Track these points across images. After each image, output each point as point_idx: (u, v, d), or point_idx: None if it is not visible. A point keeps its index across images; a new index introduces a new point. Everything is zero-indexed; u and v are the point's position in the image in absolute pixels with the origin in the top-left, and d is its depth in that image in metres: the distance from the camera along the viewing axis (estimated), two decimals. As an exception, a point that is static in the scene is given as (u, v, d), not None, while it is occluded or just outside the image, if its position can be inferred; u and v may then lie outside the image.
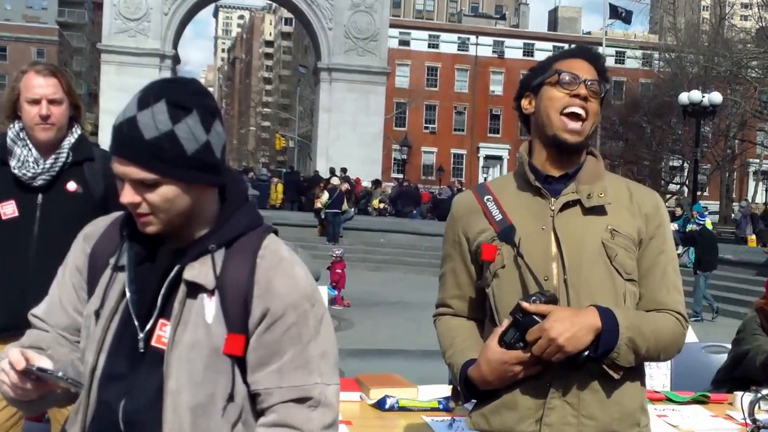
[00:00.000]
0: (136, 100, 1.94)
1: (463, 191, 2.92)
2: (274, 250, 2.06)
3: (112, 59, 48.91)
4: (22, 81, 3.67)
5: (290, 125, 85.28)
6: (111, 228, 2.13)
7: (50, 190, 3.67)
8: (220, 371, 1.97)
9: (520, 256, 2.43)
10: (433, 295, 10.27)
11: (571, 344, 2.29)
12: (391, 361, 7.79)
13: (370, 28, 51.00)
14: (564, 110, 2.46)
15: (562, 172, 2.52)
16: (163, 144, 1.89)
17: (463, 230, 2.61)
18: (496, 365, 2.40)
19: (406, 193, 36.67)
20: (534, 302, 2.33)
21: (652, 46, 60.76)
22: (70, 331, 2.13)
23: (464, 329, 2.66)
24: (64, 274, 2.17)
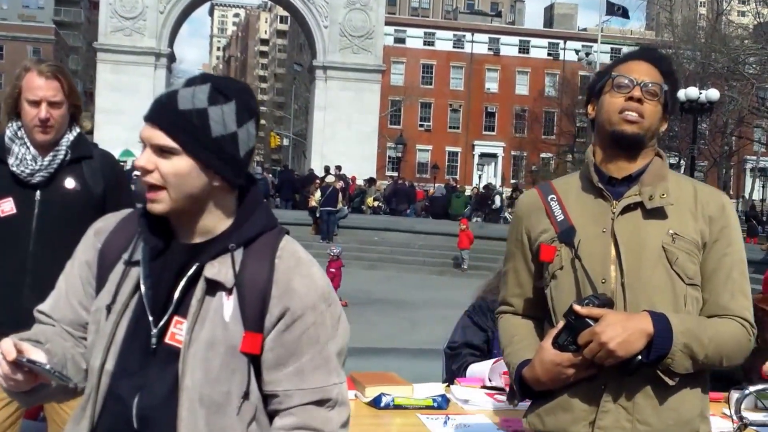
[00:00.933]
0: (185, 80, 2.02)
1: (527, 191, 2.90)
2: (291, 251, 2.08)
3: (108, 58, 49.04)
4: (24, 79, 3.66)
5: (285, 123, 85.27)
6: (122, 224, 2.14)
7: (48, 187, 3.68)
8: (237, 369, 1.98)
9: (578, 259, 2.43)
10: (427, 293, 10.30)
11: (623, 349, 2.28)
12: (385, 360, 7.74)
13: (365, 25, 51.13)
14: (620, 114, 2.46)
15: (625, 174, 2.50)
16: (192, 118, 1.94)
17: (526, 229, 2.61)
18: (549, 366, 2.40)
19: (400, 192, 36.63)
20: (587, 305, 2.33)
21: (648, 42, 60.73)
22: (74, 326, 2.13)
23: (522, 329, 2.67)
24: (72, 268, 2.17)
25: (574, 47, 68.17)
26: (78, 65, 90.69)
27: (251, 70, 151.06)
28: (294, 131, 72.74)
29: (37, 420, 4.31)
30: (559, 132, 66.91)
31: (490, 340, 4.24)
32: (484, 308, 4.31)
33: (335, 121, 49.73)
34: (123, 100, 42.31)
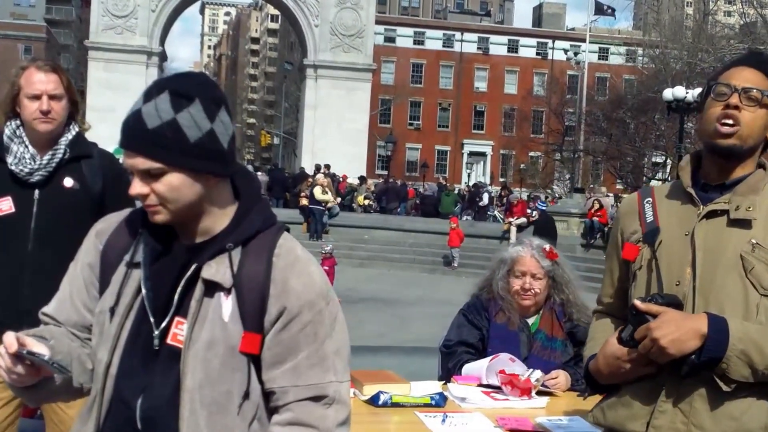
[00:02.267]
0: (143, 95, 1.96)
1: (629, 194, 2.92)
2: (289, 249, 2.07)
3: (99, 56, 48.87)
4: (22, 77, 3.68)
5: (275, 122, 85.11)
6: (123, 224, 2.13)
7: (47, 186, 3.66)
8: (237, 369, 1.99)
9: (656, 259, 2.46)
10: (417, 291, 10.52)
11: (675, 347, 2.26)
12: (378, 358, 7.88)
13: (356, 24, 51.09)
14: (717, 122, 2.43)
15: (720, 181, 2.49)
16: (165, 132, 1.91)
17: (621, 230, 2.65)
18: (610, 359, 2.43)
19: (391, 190, 36.72)
20: (649, 302, 2.33)
21: (636, 42, 60.87)
22: (79, 328, 2.13)
23: (603, 326, 2.72)
24: (75, 270, 2.17)
25: (563, 47, 68.38)
26: (69, 63, 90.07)
27: (242, 69, 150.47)
28: (284, 130, 72.60)
29: (34, 418, 4.33)
30: (547, 131, 66.89)
31: (485, 338, 4.25)
32: (478, 306, 4.33)
33: (326, 120, 49.67)
34: (114, 99, 41.93)
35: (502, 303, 4.28)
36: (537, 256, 4.29)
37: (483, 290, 4.41)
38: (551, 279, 4.29)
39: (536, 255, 4.29)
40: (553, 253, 4.36)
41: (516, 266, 4.29)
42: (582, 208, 28.17)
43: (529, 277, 4.24)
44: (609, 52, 71.67)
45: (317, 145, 48.48)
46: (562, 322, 4.26)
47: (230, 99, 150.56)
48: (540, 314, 4.30)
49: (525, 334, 4.25)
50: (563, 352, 4.22)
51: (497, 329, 4.26)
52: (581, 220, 27.28)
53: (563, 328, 4.26)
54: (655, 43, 50.19)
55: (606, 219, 25.66)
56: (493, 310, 4.30)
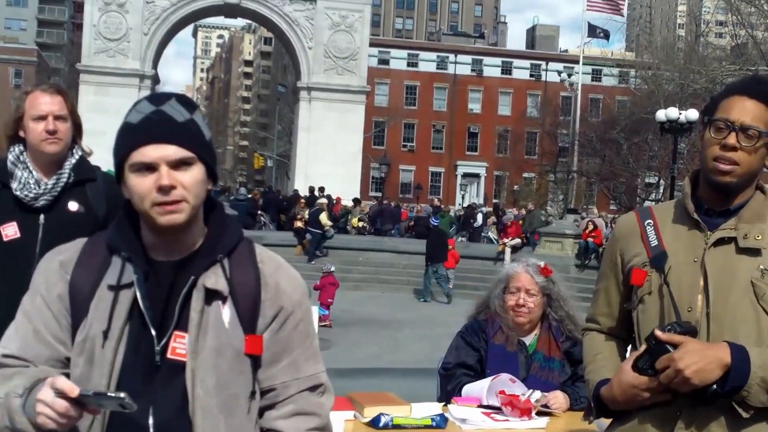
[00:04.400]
0: (147, 101, 2.06)
1: (626, 214, 2.88)
2: (270, 256, 2.21)
3: (91, 79, 48.89)
4: (27, 100, 3.71)
5: (268, 144, 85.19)
6: (87, 252, 2.15)
7: (52, 210, 3.68)
8: (242, 372, 2.09)
9: (667, 285, 2.45)
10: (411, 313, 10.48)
11: (699, 377, 2.27)
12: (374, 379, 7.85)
13: (349, 47, 51.26)
14: (714, 161, 2.43)
15: (724, 207, 2.50)
16: (191, 127, 2.04)
17: (620, 251, 2.64)
18: (626, 388, 2.42)
19: (385, 212, 36.72)
20: (669, 331, 2.33)
21: (628, 63, 61.13)
22: (51, 363, 2.08)
23: (606, 348, 2.71)
24: (35, 304, 2.13)
25: (556, 68, 68.56)
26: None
27: (235, 92, 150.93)
28: (278, 152, 72.67)
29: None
30: (541, 152, 67.11)
31: (483, 359, 4.28)
32: (476, 328, 4.37)
33: (319, 142, 49.73)
34: (106, 122, 41.44)
35: (500, 321, 4.30)
36: (531, 272, 4.34)
37: (480, 312, 4.44)
38: (547, 296, 4.32)
39: (530, 271, 4.34)
40: (548, 269, 4.41)
41: (511, 282, 4.33)
42: (576, 229, 28.19)
43: (523, 293, 4.27)
44: (602, 73, 71.93)
45: (311, 168, 48.51)
46: (559, 341, 4.28)
47: (222, 121, 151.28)
48: (537, 335, 4.31)
49: (523, 354, 4.27)
50: (561, 372, 4.23)
51: (495, 350, 4.27)
52: (575, 241, 27.27)
53: (560, 348, 4.27)
54: (648, 65, 50.42)
55: (601, 240, 25.68)
56: (491, 332, 4.32)
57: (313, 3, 50.92)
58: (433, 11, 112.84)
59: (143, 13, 49.52)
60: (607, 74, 70.14)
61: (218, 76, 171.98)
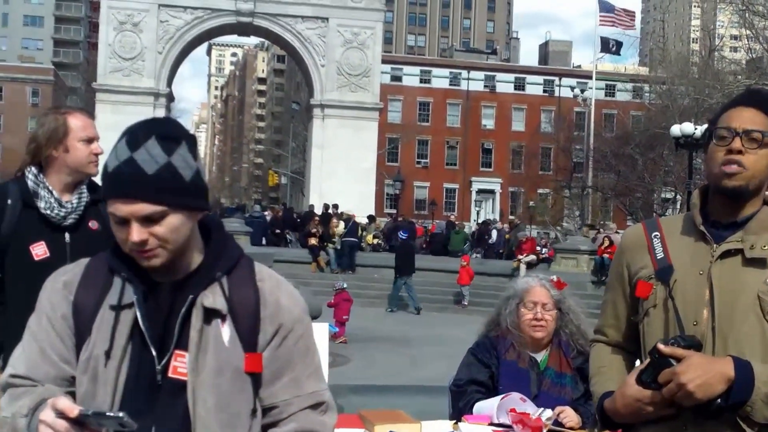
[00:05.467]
0: (125, 143, 2.01)
1: (633, 226, 2.88)
2: (270, 273, 2.21)
3: (107, 98, 49.23)
4: (71, 122, 3.81)
5: (283, 162, 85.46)
6: (89, 272, 2.17)
7: (76, 229, 3.78)
8: (243, 390, 2.10)
9: (671, 298, 2.44)
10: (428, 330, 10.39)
11: (702, 391, 2.25)
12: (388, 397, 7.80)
13: (362, 64, 51.41)
14: (721, 166, 2.43)
15: (731, 219, 2.49)
16: (164, 175, 1.98)
17: (627, 263, 2.63)
18: (629, 401, 2.40)
19: (400, 228, 36.66)
20: (672, 345, 2.31)
21: (642, 78, 61.05)
22: (57, 382, 2.11)
23: (612, 360, 2.70)
24: (41, 324, 2.15)
25: (569, 84, 68.65)
26: (77, 105, 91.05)
27: (249, 109, 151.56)
28: (292, 169, 72.89)
29: None
30: (555, 168, 67.01)
31: (494, 376, 4.26)
32: (487, 345, 4.34)
33: (333, 159, 49.82)
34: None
35: (512, 339, 4.28)
36: (547, 286, 4.32)
37: (491, 329, 4.41)
38: (558, 310, 4.30)
39: (546, 285, 4.33)
40: (561, 282, 4.43)
41: (527, 297, 4.29)
42: (592, 245, 28.07)
43: (540, 308, 4.25)
44: (616, 88, 71.92)
45: (325, 185, 48.58)
46: (569, 357, 4.26)
47: (237, 139, 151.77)
48: (548, 351, 4.29)
49: (535, 371, 4.25)
50: (573, 389, 4.19)
51: (507, 367, 4.25)
52: (591, 257, 27.16)
53: (571, 364, 4.25)
54: (662, 80, 50.36)
55: (616, 256, 25.54)
56: (502, 348, 4.30)
57: (325, 21, 51.16)
58: (446, 28, 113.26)
59: (157, 32, 49.89)
60: (620, 89, 70.13)
61: (232, 93, 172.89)
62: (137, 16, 49.62)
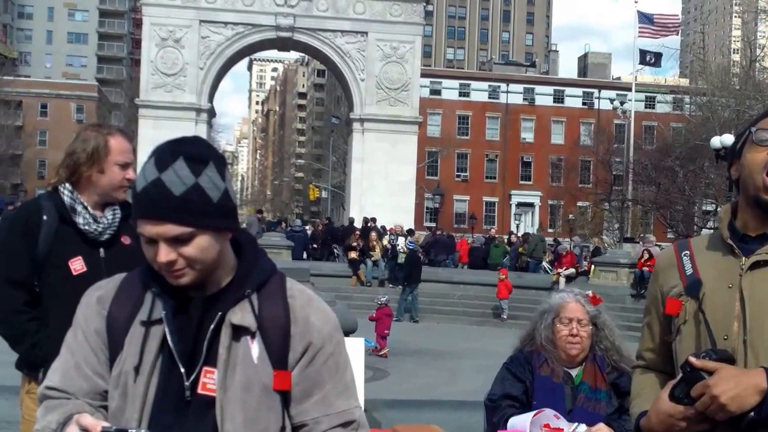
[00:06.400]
0: (153, 164, 2.02)
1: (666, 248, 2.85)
2: (301, 290, 2.20)
3: (149, 114, 49.71)
4: (112, 144, 3.87)
5: (323, 176, 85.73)
6: (123, 288, 2.19)
7: (111, 244, 3.87)
8: (271, 408, 2.10)
9: (702, 312, 2.40)
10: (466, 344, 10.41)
11: (735, 404, 2.19)
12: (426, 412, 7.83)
13: (401, 78, 51.48)
14: (765, 169, 2.36)
15: (760, 232, 2.44)
16: (192, 197, 1.99)
17: (660, 285, 2.61)
18: (663, 417, 2.36)
19: (439, 242, 36.68)
20: (703, 358, 2.27)
21: (682, 90, 60.53)
22: (91, 396, 2.13)
23: (650, 383, 2.66)
24: (77, 339, 2.18)
25: (609, 96, 68.11)
26: (120, 121, 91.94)
27: (289, 123, 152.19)
28: (332, 183, 73.10)
29: None
30: (595, 181, 66.57)
31: (529, 390, 4.23)
32: (521, 359, 4.32)
33: (373, 173, 49.89)
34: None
35: (546, 354, 4.26)
36: (582, 301, 4.28)
37: (526, 343, 4.39)
38: (594, 326, 4.27)
39: (581, 300, 4.28)
40: (597, 298, 4.35)
41: (562, 313, 4.27)
42: (632, 259, 27.89)
43: (575, 323, 4.22)
44: (656, 100, 71.36)
45: (365, 198, 48.69)
46: (604, 372, 4.23)
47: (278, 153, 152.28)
48: (583, 366, 4.27)
49: (569, 386, 4.22)
50: (608, 404, 4.17)
51: (541, 382, 4.23)
52: (631, 270, 26.97)
53: (606, 380, 4.22)
54: (702, 91, 49.89)
55: (657, 269, 25.32)
56: (536, 363, 4.27)
57: (364, 35, 51.34)
58: (484, 41, 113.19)
59: (199, 47, 50.33)
60: (660, 101, 69.56)
61: (273, 108, 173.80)
62: (179, 32, 50.10)
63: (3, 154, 71.30)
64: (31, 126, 79.51)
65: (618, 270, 27.65)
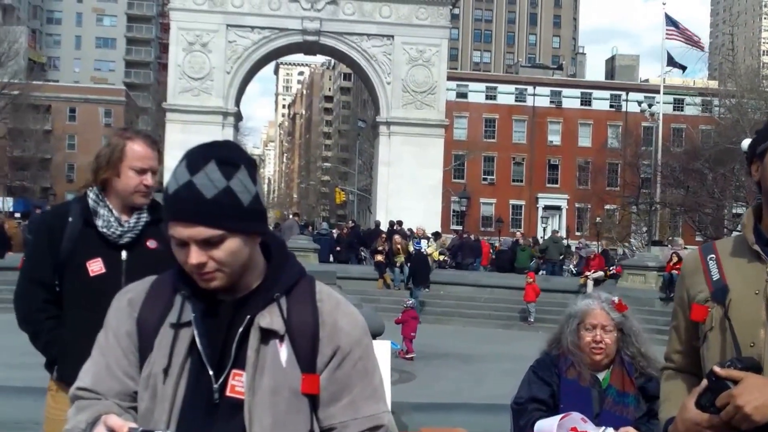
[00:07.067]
0: (185, 167, 2.03)
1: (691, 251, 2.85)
2: (329, 293, 2.20)
3: (176, 118, 50.08)
4: (128, 147, 3.88)
5: (350, 179, 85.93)
6: (153, 290, 2.21)
7: (134, 247, 3.88)
8: (300, 411, 2.09)
9: (728, 319, 2.38)
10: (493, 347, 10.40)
11: (759, 413, 2.17)
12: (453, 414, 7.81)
13: (427, 81, 51.54)
14: None
15: None
16: (223, 200, 2.00)
17: (686, 289, 2.59)
18: (689, 426, 2.34)
19: (466, 245, 36.62)
20: (728, 367, 2.25)
21: (711, 92, 60.14)
22: (121, 397, 2.15)
23: (678, 386, 2.65)
24: (108, 340, 2.21)
25: (637, 98, 67.83)
26: (147, 125, 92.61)
27: (315, 127, 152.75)
28: (359, 186, 73.27)
29: None
30: (623, 183, 66.25)
31: (555, 394, 4.21)
32: (548, 363, 4.31)
33: (399, 176, 49.95)
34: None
35: (572, 358, 4.24)
36: (607, 308, 4.25)
37: (553, 346, 4.38)
38: (620, 331, 4.24)
39: (606, 307, 4.25)
40: (623, 305, 4.31)
41: (587, 319, 4.25)
42: (660, 262, 27.72)
43: (599, 330, 4.20)
44: (684, 102, 70.92)
45: (392, 202, 48.75)
46: (633, 377, 4.20)
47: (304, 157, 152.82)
48: (610, 369, 4.24)
49: (596, 389, 4.20)
50: (636, 408, 4.14)
51: (568, 385, 4.21)
52: (659, 273, 26.81)
53: (634, 383, 4.20)
54: (732, 93, 49.53)
55: (685, 272, 25.17)
56: (563, 366, 4.26)
57: (390, 39, 51.42)
58: (511, 44, 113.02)
59: (226, 52, 50.62)
60: (689, 103, 69.12)
61: (299, 112, 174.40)
62: (206, 37, 50.43)
63: (32, 158, 72.10)
64: (60, 130, 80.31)
65: (646, 273, 27.51)
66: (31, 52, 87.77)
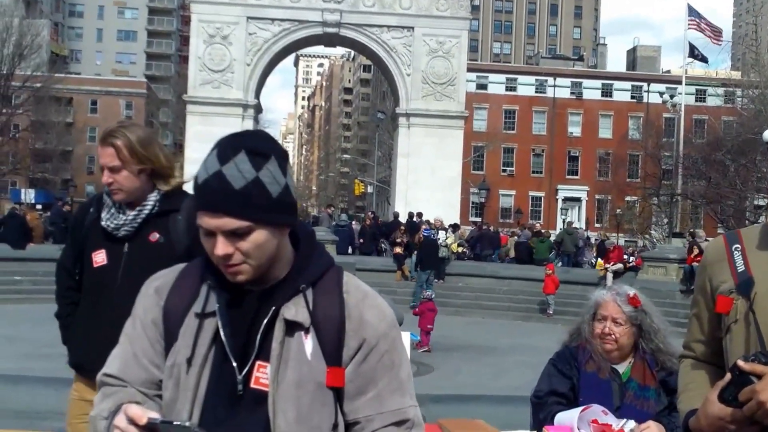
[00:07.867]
0: (215, 156, 2.01)
1: (714, 238, 2.78)
2: (357, 286, 2.18)
3: (197, 110, 50.24)
4: (98, 148, 4.00)
5: (369, 170, 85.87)
6: (181, 279, 2.20)
7: (135, 240, 3.94)
8: (325, 404, 2.08)
9: (753, 312, 2.35)
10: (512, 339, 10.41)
11: None
12: (471, 407, 7.82)
13: (447, 72, 51.40)
14: None
15: None
16: (251, 191, 1.97)
17: (709, 277, 2.55)
18: (712, 420, 2.31)
19: (485, 237, 36.54)
20: (752, 362, 2.20)
21: (734, 83, 59.64)
22: (147, 385, 2.15)
23: (698, 376, 2.63)
24: (135, 328, 2.19)
25: (658, 89, 67.36)
26: (168, 117, 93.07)
27: (335, 119, 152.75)
28: (378, 178, 73.17)
29: None
30: (644, 175, 65.74)
31: (575, 387, 4.21)
32: (567, 355, 4.31)
33: (418, 168, 49.89)
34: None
35: (590, 348, 4.25)
36: (619, 301, 4.24)
37: (574, 338, 4.39)
38: (638, 327, 4.23)
39: (618, 300, 4.25)
40: (637, 299, 4.28)
41: (599, 310, 4.27)
42: (681, 254, 27.58)
43: (609, 322, 4.21)
44: (706, 93, 70.39)
45: (411, 193, 48.71)
46: (654, 371, 4.19)
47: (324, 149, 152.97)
48: (631, 363, 4.24)
49: (617, 383, 4.19)
50: (657, 402, 4.12)
51: (588, 378, 4.21)
52: (680, 265, 26.67)
53: (656, 377, 4.18)
54: (755, 84, 49.11)
55: (706, 264, 25.00)
56: (582, 359, 4.26)
57: (410, 30, 51.31)
58: (531, 35, 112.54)
59: (246, 44, 50.68)
60: (711, 94, 68.59)
61: (319, 104, 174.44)
62: (226, 29, 50.50)
63: (54, 150, 72.43)
64: (82, 122, 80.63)
65: (667, 265, 27.38)
66: (53, 45, 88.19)
